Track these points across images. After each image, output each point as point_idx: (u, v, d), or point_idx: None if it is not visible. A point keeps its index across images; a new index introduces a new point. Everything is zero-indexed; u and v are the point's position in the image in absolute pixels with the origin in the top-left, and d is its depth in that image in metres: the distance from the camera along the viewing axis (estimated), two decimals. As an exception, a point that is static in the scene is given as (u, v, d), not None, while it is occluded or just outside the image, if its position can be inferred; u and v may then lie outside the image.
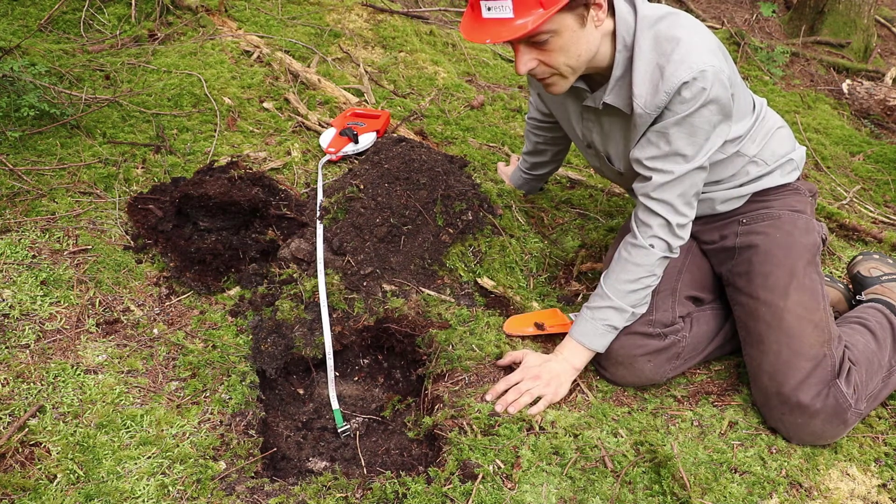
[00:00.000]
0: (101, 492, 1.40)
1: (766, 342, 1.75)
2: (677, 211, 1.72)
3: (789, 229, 1.84)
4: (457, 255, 2.07)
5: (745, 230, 1.88)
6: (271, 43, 3.02)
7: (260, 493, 1.45)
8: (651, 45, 1.61)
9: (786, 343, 1.72)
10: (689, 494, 1.52)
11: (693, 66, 1.56)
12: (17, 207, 1.97)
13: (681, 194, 1.71)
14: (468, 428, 1.61)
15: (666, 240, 1.74)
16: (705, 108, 1.60)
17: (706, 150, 1.66)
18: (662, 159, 1.68)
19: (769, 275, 1.80)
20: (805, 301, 1.75)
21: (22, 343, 1.65)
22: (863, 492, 1.62)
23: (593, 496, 1.50)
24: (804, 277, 1.78)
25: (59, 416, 1.53)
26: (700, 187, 1.73)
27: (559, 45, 1.58)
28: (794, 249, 1.81)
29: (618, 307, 1.75)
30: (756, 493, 1.58)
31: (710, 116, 1.62)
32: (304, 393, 1.92)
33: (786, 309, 1.74)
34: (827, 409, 1.65)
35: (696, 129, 1.62)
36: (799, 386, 1.66)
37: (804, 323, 1.72)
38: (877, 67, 4.42)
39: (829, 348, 1.70)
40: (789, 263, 1.79)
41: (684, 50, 1.58)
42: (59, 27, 2.90)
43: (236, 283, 1.97)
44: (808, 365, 1.68)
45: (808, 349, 1.70)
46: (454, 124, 2.80)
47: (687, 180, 1.69)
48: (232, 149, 2.35)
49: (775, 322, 1.75)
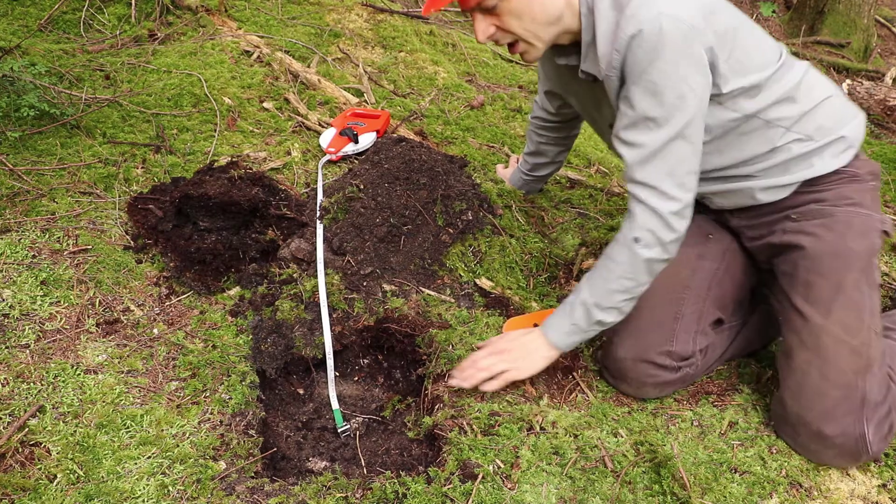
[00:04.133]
0: (101, 492, 1.40)
1: (795, 358, 1.62)
2: (665, 194, 1.51)
3: (842, 231, 1.62)
4: (457, 255, 2.07)
5: (794, 227, 1.67)
6: (271, 43, 3.02)
7: (260, 493, 1.45)
8: (609, 4, 1.48)
9: (817, 365, 1.58)
10: (689, 494, 1.52)
11: (643, 16, 1.41)
12: (17, 207, 1.97)
13: (668, 173, 1.50)
14: (468, 428, 1.61)
15: (654, 231, 1.53)
16: (660, 60, 1.42)
17: (681, 111, 1.46)
18: (632, 129, 1.51)
19: (812, 285, 1.62)
20: (848, 321, 1.57)
21: (22, 343, 1.65)
22: (863, 492, 1.62)
23: (593, 496, 1.51)
24: (853, 291, 1.59)
25: (59, 416, 1.53)
26: (693, 163, 1.52)
27: (509, 9, 1.50)
28: (845, 258, 1.60)
29: (588, 307, 1.61)
30: (756, 493, 1.58)
31: (670, 69, 1.43)
32: (304, 393, 1.92)
33: (824, 328, 1.58)
34: (846, 446, 1.56)
35: (656, 85, 1.44)
36: (824, 416, 1.56)
37: (841, 347, 1.56)
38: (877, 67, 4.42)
39: (862, 378, 1.56)
40: (837, 276, 1.60)
41: (639, 2, 1.44)
42: (59, 27, 2.90)
43: (236, 283, 1.97)
44: (837, 394, 1.55)
45: (840, 376, 1.56)
46: (454, 124, 2.80)
47: (668, 153, 1.49)
48: (232, 149, 2.35)
49: (810, 340, 1.60)
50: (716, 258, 1.80)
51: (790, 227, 1.67)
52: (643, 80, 1.45)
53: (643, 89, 1.46)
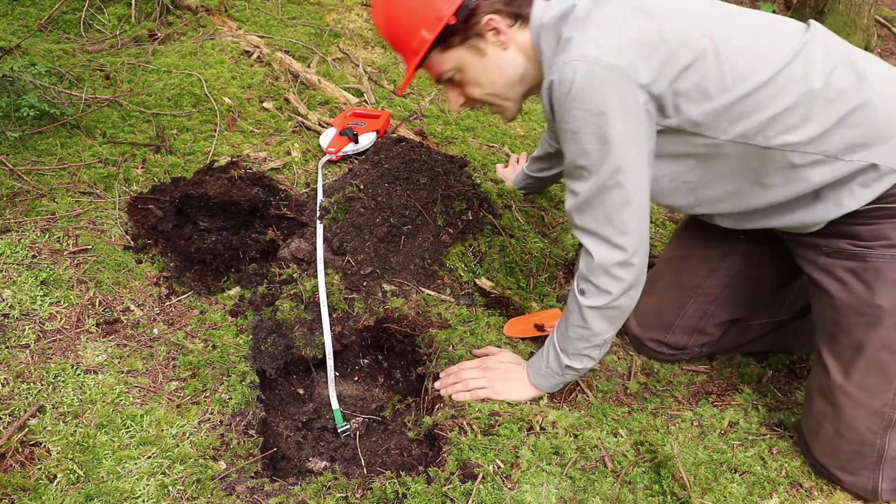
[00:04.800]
0: (101, 492, 1.40)
1: (813, 403, 1.57)
2: (607, 241, 1.45)
3: (872, 281, 1.45)
4: (457, 255, 2.07)
5: (825, 265, 1.52)
6: (271, 43, 3.02)
7: (260, 493, 1.45)
8: (550, 49, 1.45)
9: (832, 420, 1.52)
10: (689, 494, 1.52)
11: (561, 63, 1.35)
12: (17, 207, 1.97)
13: (605, 219, 1.43)
14: (468, 428, 1.61)
15: (597, 284, 1.48)
16: (574, 109, 1.35)
17: (609, 158, 1.37)
18: (569, 177, 1.47)
19: (835, 339, 1.52)
20: (869, 384, 1.47)
21: (22, 343, 1.65)
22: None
23: (593, 496, 1.50)
24: (878, 352, 1.46)
25: (59, 416, 1.52)
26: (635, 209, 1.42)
27: (468, 79, 1.54)
28: (870, 316, 1.45)
29: (558, 352, 1.62)
30: (756, 493, 1.58)
31: (588, 117, 1.35)
32: (304, 393, 1.92)
33: (842, 388, 1.50)
34: (856, 490, 1.54)
35: (576, 134, 1.38)
36: (836, 465, 1.54)
37: (860, 409, 1.48)
38: (877, 67, 4.41)
39: (882, 437, 1.48)
40: (859, 335, 1.47)
41: (563, 48, 1.38)
42: (59, 27, 2.90)
43: (236, 283, 1.97)
44: (851, 449, 1.51)
45: (855, 436, 1.50)
46: (454, 124, 2.80)
47: (602, 201, 1.41)
48: (232, 149, 2.35)
49: (828, 393, 1.52)
50: (744, 258, 1.74)
51: (822, 263, 1.53)
52: (565, 130, 1.40)
53: (566, 139, 1.41)
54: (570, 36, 1.37)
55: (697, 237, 1.81)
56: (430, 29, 1.47)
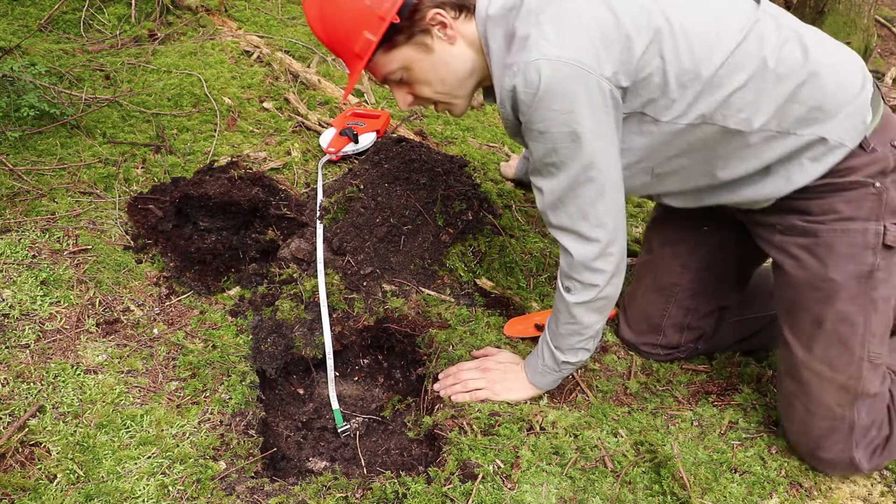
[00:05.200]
0: (101, 492, 1.40)
1: (782, 385, 1.60)
2: (583, 237, 1.44)
3: (824, 255, 1.46)
4: (457, 255, 2.07)
5: (780, 242, 1.54)
6: (271, 43, 3.02)
7: (260, 493, 1.45)
8: (499, 44, 1.41)
9: (801, 399, 1.55)
10: (689, 494, 1.52)
11: (521, 64, 1.32)
12: (17, 207, 1.97)
13: (581, 216, 1.42)
14: (468, 428, 1.61)
15: (579, 279, 1.48)
16: (542, 108, 1.33)
17: (578, 153, 1.36)
18: (537, 175, 1.45)
19: (794, 315, 1.53)
20: (831, 357, 1.49)
21: (22, 343, 1.65)
22: (863, 493, 1.62)
23: (593, 496, 1.50)
24: (837, 325, 1.47)
25: (59, 416, 1.52)
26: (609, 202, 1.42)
27: (416, 78, 1.49)
28: (825, 290, 1.46)
29: (552, 349, 1.62)
30: (756, 492, 1.58)
31: (555, 116, 1.33)
32: (304, 393, 1.92)
33: (805, 364, 1.52)
34: (838, 466, 1.56)
35: (544, 134, 1.36)
36: (813, 443, 1.55)
37: (826, 384, 1.50)
38: (877, 67, 4.42)
39: (850, 408, 1.50)
40: (816, 310, 1.48)
41: (516, 46, 1.35)
42: (59, 27, 2.90)
43: (236, 283, 1.97)
44: (824, 425, 1.53)
45: (825, 411, 1.52)
46: (454, 124, 2.80)
47: (575, 197, 1.40)
48: (232, 149, 2.35)
49: (794, 372, 1.55)
50: (711, 249, 1.76)
51: (777, 241, 1.54)
52: (532, 130, 1.38)
53: (534, 138, 1.39)
54: (526, 33, 1.33)
55: (665, 237, 1.83)
56: (372, 30, 1.40)
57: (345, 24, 1.41)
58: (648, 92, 1.38)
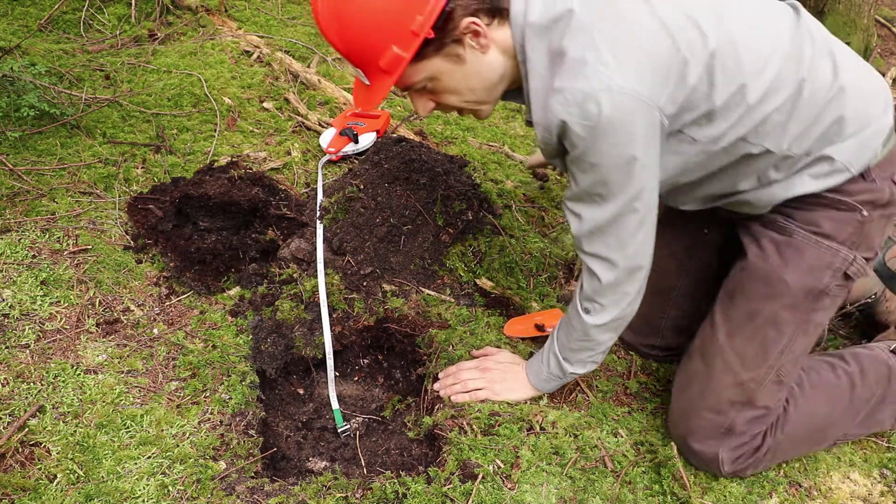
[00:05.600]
0: (101, 492, 1.40)
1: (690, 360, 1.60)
2: (615, 264, 1.41)
3: (790, 257, 1.46)
4: (457, 255, 2.07)
5: (754, 230, 1.53)
6: (271, 43, 3.02)
7: (260, 493, 1.45)
8: (542, 58, 1.29)
9: (700, 381, 1.55)
10: (689, 494, 1.52)
11: (577, 94, 1.22)
12: (17, 207, 1.97)
13: (618, 246, 1.39)
14: (468, 428, 1.61)
15: (603, 303, 1.46)
16: (600, 142, 1.25)
17: (629, 185, 1.31)
18: (578, 202, 1.38)
19: (734, 300, 1.53)
20: (746, 353, 1.50)
21: (22, 343, 1.65)
22: (863, 493, 1.62)
23: (593, 496, 1.50)
24: (765, 326, 1.48)
25: (59, 416, 1.53)
26: (646, 232, 1.40)
27: (443, 88, 1.39)
28: (774, 287, 1.47)
29: (560, 360, 1.60)
30: (756, 492, 1.58)
31: (613, 150, 1.26)
32: (304, 393, 1.92)
33: (721, 350, 1.52)
34: (703, 459, 1.57)
35: (597, 166, 1.29)
36: (691, 431, 1.57)
37: (728, 376, 1.51)
38: (877, 67, 4.42)
39: (737, 410, 1.52)
40: (757, 303, 1.49)
41: (570, 70, 1.23)
42: (59, 27, 2.90)
43: (236, 283, 1.97)
44: (708, 416, 1.54)
45: (716, 402, 1.52)
46: (454, 124, 2.80)
47: (617, 227, 1.37)
48: (232, 149, 2.35)
49: (707, 353, 1.55)
50: (709, 252, 1.75)
51: (753, 229, 1.53)
52: (583, 162, 1.30)
53: (584, 169, 1.31)
54: (580, 56, 1.23)
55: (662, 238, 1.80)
56: (403, 45, 1.27)
57: (369, 36, 1.28)
58: (692, 114, 1.33)
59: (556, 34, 1.27)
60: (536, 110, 1.33)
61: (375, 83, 1.36)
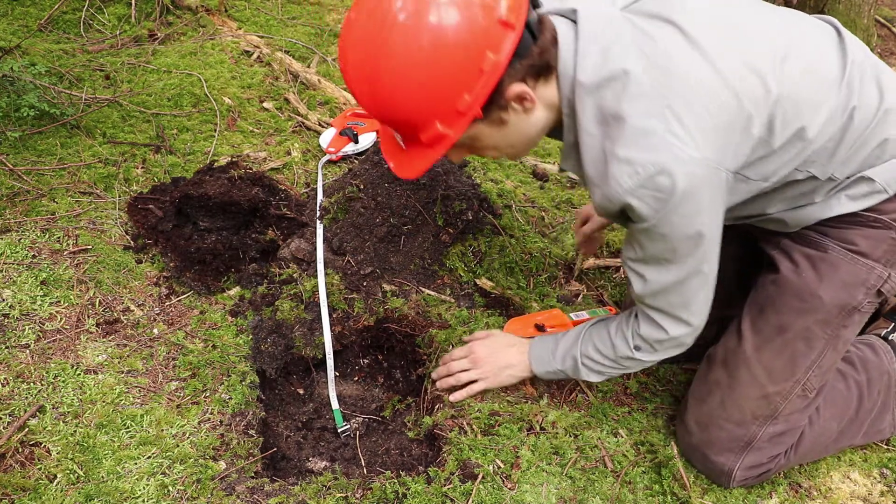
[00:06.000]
0: (101, 492, 1.40)
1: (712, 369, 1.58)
2: (679, 320, 1.42)
3: (824, 273, 1.44)
4: (457, 255, 2.07)
5: (785, 245, 1.51)
6: (271, 43, 3.02)
7: (260, 493, 1.45)
8: (594, 117, 1.23)
9: (723, 391, 1.54)
10: (689, 494, 1.52)
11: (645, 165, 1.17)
12: (17, 207, 1.97)
13: (682, 304, 1.39)
14: (468, 428, 1.61)
15: (659, 348, 1.47)
16: (671, 215, 1.22)
17: (697, 251, 1.30)
18: (642, 263, 1.36)
19: (764, 313, 1.51)
20: (774, 366, 1.49)
21: (22, 343, 1.65)
22: (863, 493, 1.62)
23: (593, 496, 1.50)
24: (795, 340, 1.47)
25: (59, 416, 1.52)
26: (709, 291, 1.40)
27: (483, 146, 1.32)
28: (807, 302, 1.45)
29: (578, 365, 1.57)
30: (755, 492, 1.58)
31: (684, 221, 1.24)
32: (304, 393, 1.92)
33: (747, 362, 1.51)
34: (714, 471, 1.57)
35: (667, 236, 1.26)
36: (709, 441, 1.56)
37: (754, 389, 1.50)
38: (877, 67, 4.41)
39: (760, 425, 1.51)
40: (788, 317, 1.47)
41: (636, 140, 1.18)
42: (59, 27, 2.90)
43: (236, 283, 1.97)
44: (729, 427, 1.53)
45: (738, 414, 1.52)
46: (454, 124, 2.80)
47: (682, 289, 1.36)
48: (232, 149, 2.35)
49: (731, 363, 1.54)
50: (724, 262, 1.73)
51: (783, 244, 1.52)
52: (653, 233, 1.27)
53: (653, 238, 1.28)
54: (645, 125, 1.17)
55: None
56: (448, 123, 1.17)
57: (408, 111, 1.17)
58: (748, 158, 1.30)
59: (611, 95, 1.20)
60: (590, 167, 1.27)
61: (414, 152, 1.26)
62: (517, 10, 1.13)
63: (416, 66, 1.11)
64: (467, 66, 1.12)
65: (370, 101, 1.20)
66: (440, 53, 1.10)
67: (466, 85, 1.14)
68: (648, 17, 1.25)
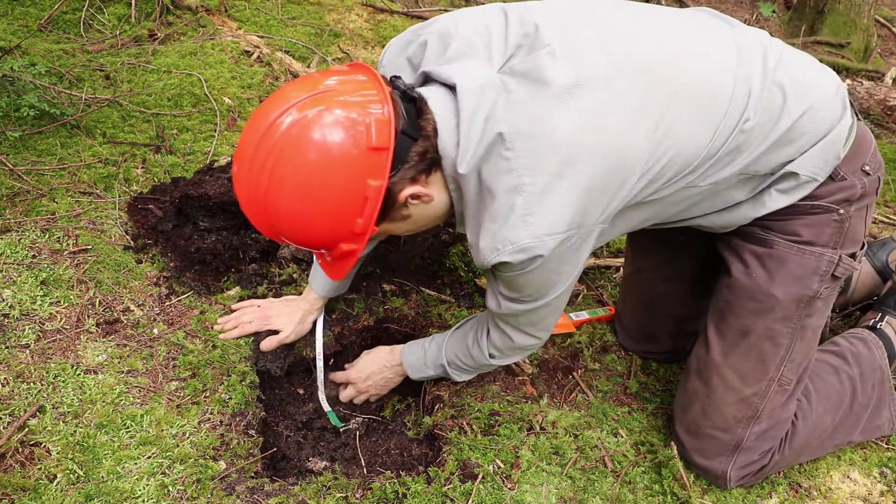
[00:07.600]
0: (101, 492, 1.40)
1: (688, 380, 1.60)
2: (529, 334, 1.48)
3: (774, 270, 1.44)
4: (457, 255, 2.07)
5: (735, 244, 1.50)
6: (271, 43, 3.02)
7: (260, 493, 1.45)
8: (475, 188, 1.23)
9: (702, 400, 1.55)
10: (689, 494, 1.52)
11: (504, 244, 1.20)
12: (17, 207, 1.97)
13: (531, 324, 1.45)
14: (468, 428, 1.61)
15: (509, 356, 1.57)
16: (531, 277, 1.27)
17: (549, 294, 1.34)
18: (499, 293, 1.39)
19: (724, 319, 1.51)
20: (744, 369, 1.49)
21: (22, 343, 1.65)
22: (863, 493, 1.62)
23: (593, 496, 1.51)
24: (761, 340, 1.47)
25: (59, 416, 1.52)
26: (560, 311, 1.45)
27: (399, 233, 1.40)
28: (762, 303, 1.45)
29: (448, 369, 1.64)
30: (755, 492, 1.58)
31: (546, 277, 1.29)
32: (304, 393, 1.92)
33: (718, 369, 1.52)
34: (709, 474, 1.58)
35: (526, 287, 1.32)
36: (696, 448, 1.58)
37: (730, 394, 1.51)
38: (877, 67, 4.42)
39: (745, 427, 1.52)
40: (747, 320, 1.47)
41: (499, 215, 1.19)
42: (59, 27, 2.89)
43: (236, 283, 1.96)
44: (714, 433, 1.54)
45: (721, 420, 1.53)
46: (454, 124, 2.80)
47: (532, 315, 1.41)
48: (232, 149, 2.35)
49: (704, 372, 1.55)
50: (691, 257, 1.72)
51: (733, 242, 1.51)
52: (514, 283, 1.31)
53: (510, 285, 1.33)
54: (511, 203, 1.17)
55: (645, 249, 1.79)
56: (350, 241, 1.23)
57: (314, 244, 1.26)
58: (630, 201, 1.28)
59: (486, 170, 1.20)
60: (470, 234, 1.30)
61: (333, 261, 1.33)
62: (387, 129, 1.14)
63: (305, 213, 1.18)
64: (352, 197, 1.17)
65: (283, 241, 1.29)
66: (322, 196, 1.16)
67: (355, 213, 1.19)
68: (522, 78, 1.19)
